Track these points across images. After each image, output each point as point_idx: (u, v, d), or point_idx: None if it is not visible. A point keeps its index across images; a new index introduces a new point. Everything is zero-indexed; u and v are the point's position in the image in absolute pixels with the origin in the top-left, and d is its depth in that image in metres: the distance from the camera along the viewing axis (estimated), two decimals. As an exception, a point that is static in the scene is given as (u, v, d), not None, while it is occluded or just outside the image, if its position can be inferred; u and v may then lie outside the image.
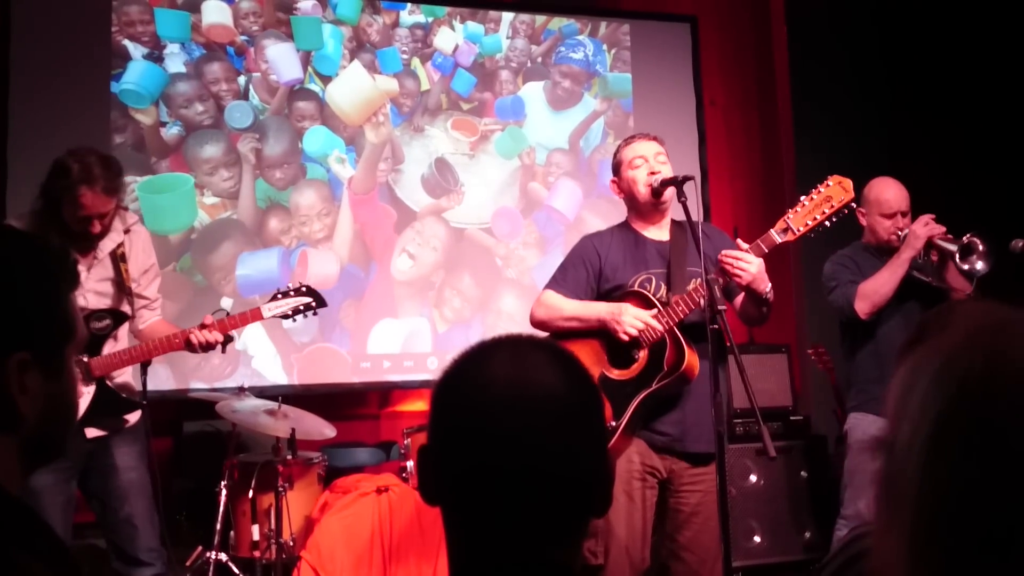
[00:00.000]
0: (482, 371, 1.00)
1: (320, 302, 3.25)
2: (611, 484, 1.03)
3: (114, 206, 2.97)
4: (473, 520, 0.98)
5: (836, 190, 2.70)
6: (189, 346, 3.03)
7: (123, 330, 3.13)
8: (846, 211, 2.73)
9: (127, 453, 3.07)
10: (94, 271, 3.04)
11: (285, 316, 3.21)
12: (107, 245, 3.05)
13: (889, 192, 3.56)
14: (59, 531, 2.85)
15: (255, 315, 3.14)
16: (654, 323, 2.73)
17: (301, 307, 3.21)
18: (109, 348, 3.03)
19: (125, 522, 3.03)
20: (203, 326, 3.04)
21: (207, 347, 3.04)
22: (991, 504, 0.63)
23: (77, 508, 3.19)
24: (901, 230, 3.52)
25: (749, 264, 2.65)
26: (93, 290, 3.03)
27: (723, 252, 2.69)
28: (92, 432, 3.01)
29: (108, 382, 3.04)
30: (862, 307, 3.44)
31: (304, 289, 3.23)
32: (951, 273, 3.44)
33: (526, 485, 0.95)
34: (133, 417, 3.11)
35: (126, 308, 3.09)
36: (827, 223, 2.72)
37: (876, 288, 3.43)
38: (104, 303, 3.05)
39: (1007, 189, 4.61)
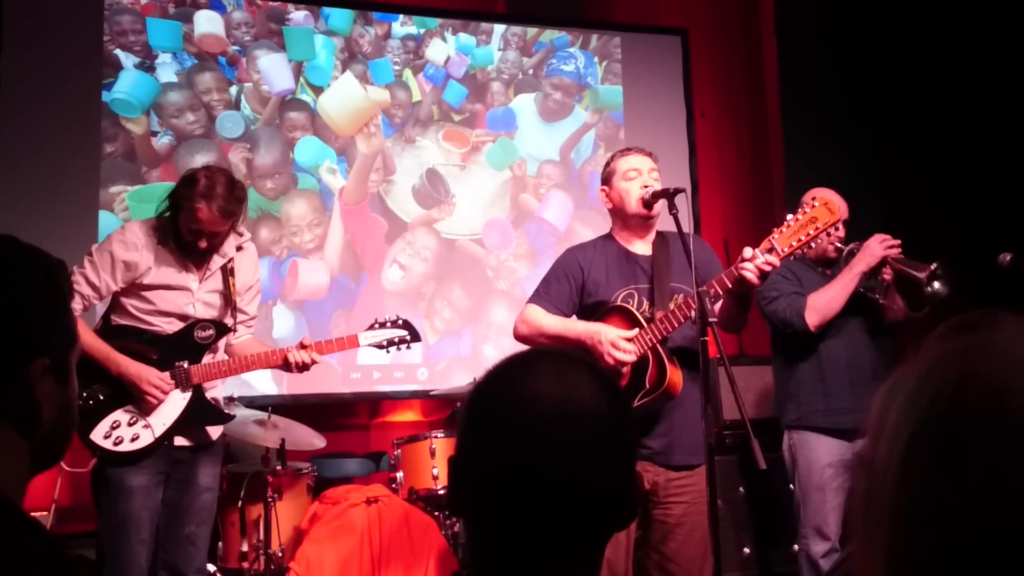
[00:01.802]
0: (527, 385, 1.02)
1: (415, 337, 3.28)
2: (638, 497, 1.06)
3: (227, 228, 3.00)
4: (504, 530, 1.00)
5: (822, 211, 2.68)
6: (286, 364, 3.06)
7: (222, 342, 3.15)
8: (830, 232, 2.73)
9: (209, 473, 3.10)
10: (205, 283, 3.07)
11: (380, 346, 3.24)
12: (219, 259, 3.09)
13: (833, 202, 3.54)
14: (145, 536, 2.83)
15: (352, 342, 3.19)
16: (630, 347, 2.73)
17: (396, 339, 3.24)
18: (208, 359, 3.05)
19: (187, 539, 3.04)
20: (302, 346, 3.07)
21: (303, 368, 3.07)
22: (960, 521, 0.63)
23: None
24: (840, 240, 3.52)
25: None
26: (202, 300, 3.06)
27: (755, 254, 2.64)
28: (179, 441, 3.02)
29: (204, 392, 3.05)
30: (812, 319, 3.40)
31: (401, 322, 3.26)
32: (894, 294, 3.45)
33: (568, 495, 0.98)
34: (215, 433, 3.12)
35: (229, 321, 3.12)
36: (812, 244, 2.72)
37: (827, 301, 3.39)
38: (210, 314, 3.08)
39: (994, 201, 4.64)
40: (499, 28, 5.52)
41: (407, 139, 5.25)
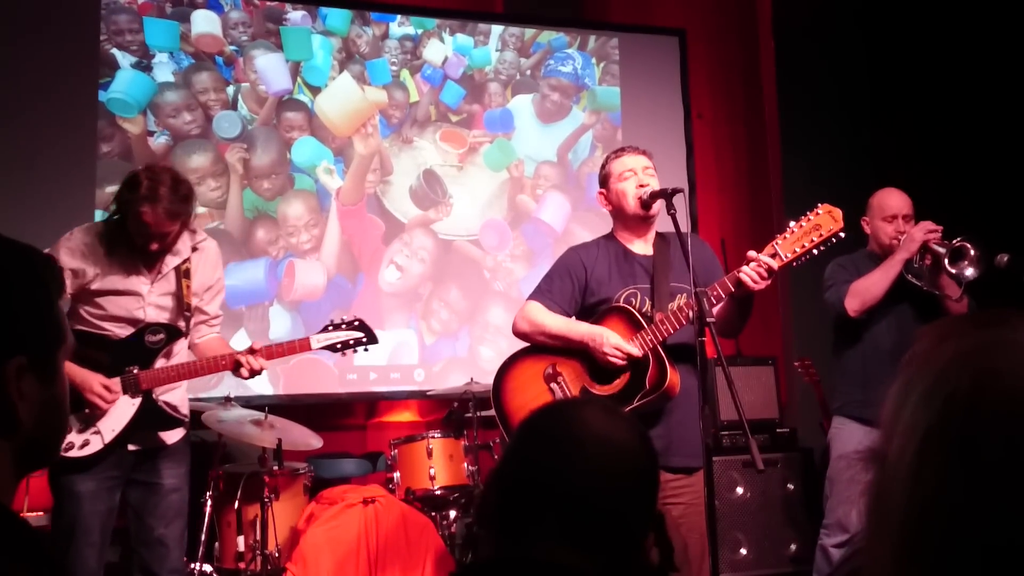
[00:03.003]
0: (578, 421, 1.21)
1: (372, 339, 3.19)
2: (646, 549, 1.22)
3: (177, 228, 2.95)
4: (523, 541, 1.14)
5: (826, 219, 2.68)
6: (237, 369, 3.02)
7: (179, 345, 3.09)
8: (834, 240, 2.72)
9: (173, 474, 3.06)
10: (157, 285, 3.02)
11: (334, 349, 3.16)
12: (172, 260, 3.04)
13: (891, 197, 3.60)
14: (95, 540, 2.82)
15: (303, 346, 3.11)
16: (634, 351, 2.73)
17: (351, 341, 3.16)
18: (160, 364, 3.01)
19: (158, 541, 3.02)
20: (251, 351, 3.01)
21: (253, 373, 3.02)
22: (974, 519, 0.63)
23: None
24: (902, 235, 3.54)
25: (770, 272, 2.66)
26: (154, 304, 3.02)
27: (757, 258, 2.67)
28: (132, 446, 2.99)
29: (155, 397, 3.01)
30: (852, 304, 3.46)
31: (357, 323, 3.18)
32: (944, 278, 3.45)
33: (597, 523, 1.14)
34: (171, 437, 3.07)
35: (182, 324, 3.07)
36: (815, 251, 2.71)
37: (868, 287, 3.44)
38: (163, 317, 3.03)
39: (990, 201, 4.65)
40: (497, 29, 5.51)
41: (404, 140, 5.24)
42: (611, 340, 2.75)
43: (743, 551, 4.54)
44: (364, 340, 3.19)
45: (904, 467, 0.67)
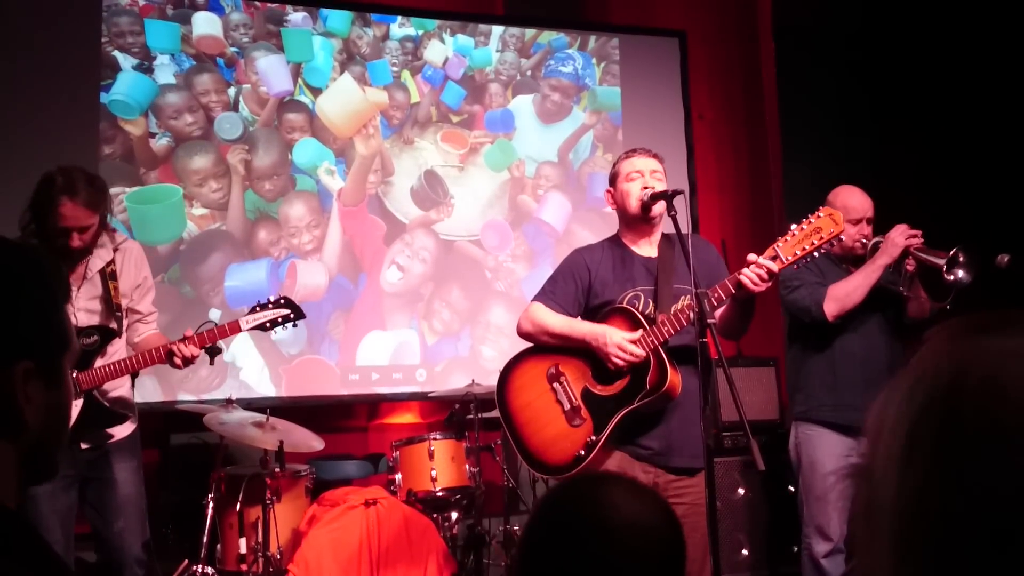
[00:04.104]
0: (602, 510, 1.17)
1: (298, 314, 3.24)
2: None
3: (96, 223, 2.99)
4: None
5: (826, 222, 2.69)
6: (171, 359, 3.04)
7: (115, 346, 3.14)
8: (834, 243, 2.73)
9: (125, 467, 3.13)
10: (83, 289, 3.07)
11: (263, 328, 3.21)
12: (96, 264, 3.09)
13: (855, 199, 3.54)
14: (58, 538, 2.86)
15: (233, 328, 3.15)
16: (637, 351, 2.74)
17: (279, 319, 3.21)
18: (99, 364, 3.05)
19: (117, 535, 3.09)
20: (184, 339, 3.05)
21: (187, 361, 3.06)
22: (968, 511, 0.63)
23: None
24: (866, 237, 3.52)
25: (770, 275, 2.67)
26: (84, 308, 3.07)
27: (757, 261, 2.68)
28: (83, 444, 3.05)
29: (98, 396, 3.06)
30: (831, 309, 3.38)
31: (283, 301, 3.23)
32: (917, 286, 3.44)
33: None
34: (119, 432, 3.13)
35: (114, 325, 3.11)
36: (815, 254, 2.72)
37: (848, 292, 3.38)
38: (93, 320, 3.08)
39: (988, 199, 4.64)
40: (497, 29, 5.52)
41: (405, 140, 5.25)
42: (614, 339, 2.76)
43: (744, 552, 4.55)
44: (291, 317, 3.23)
45: (892, 468, 0.67)
